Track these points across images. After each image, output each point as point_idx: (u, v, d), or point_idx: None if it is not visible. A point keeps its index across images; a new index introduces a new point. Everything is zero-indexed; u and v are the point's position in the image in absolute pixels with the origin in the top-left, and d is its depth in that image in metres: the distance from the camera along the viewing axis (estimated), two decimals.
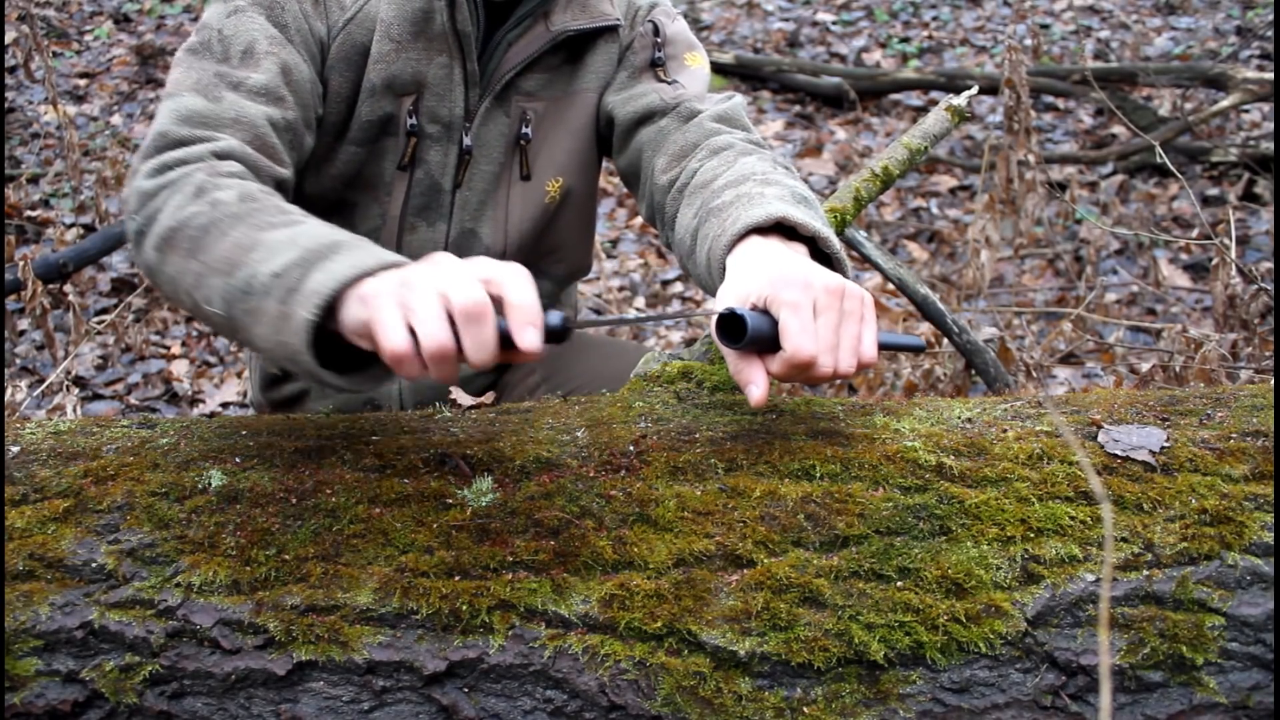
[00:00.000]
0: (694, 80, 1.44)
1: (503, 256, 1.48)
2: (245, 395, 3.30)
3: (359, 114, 1.34)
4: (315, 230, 1.00)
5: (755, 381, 0.98)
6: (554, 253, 1.54)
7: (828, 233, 1.08)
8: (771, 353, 0.98)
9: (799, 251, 1.07)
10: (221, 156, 1.14)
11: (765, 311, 0.98)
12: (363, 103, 1.34)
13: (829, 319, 0.97)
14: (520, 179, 1.45)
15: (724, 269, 1.08)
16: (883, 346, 1.05)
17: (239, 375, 3.47)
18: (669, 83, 1.42)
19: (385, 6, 1.32)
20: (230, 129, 1.18)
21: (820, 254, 1.10)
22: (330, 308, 0.91)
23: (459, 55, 1.35)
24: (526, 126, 1.42)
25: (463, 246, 1.45)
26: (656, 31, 1.45)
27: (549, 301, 1.62)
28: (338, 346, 0.97)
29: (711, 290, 1.14)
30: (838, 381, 3.20)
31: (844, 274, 1.09)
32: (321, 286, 0.91)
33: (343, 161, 1.37)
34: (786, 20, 6.35)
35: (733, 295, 1.01)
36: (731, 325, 0.98)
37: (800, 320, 0.95)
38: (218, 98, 1.19)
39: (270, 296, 0.94)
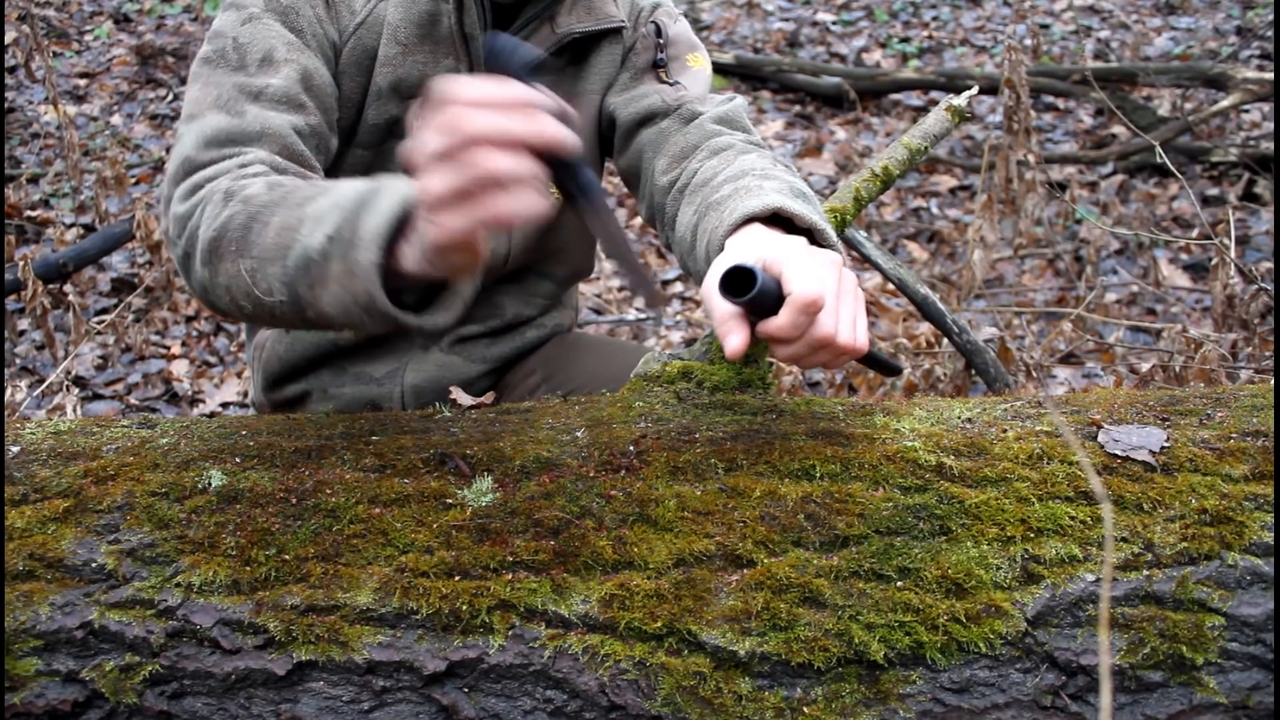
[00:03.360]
0: (696, 82, 1.44)
1: (505, 259, 1.47)
2: (245, 395, 3.30)
3: (366, 117, 1.34)
4: (352, 186, 0.98)
5: (736, 332, 0.95)
6: (556, 254, 1.54)
7: (824, 225, 1.08)
8: (771, 315, 0.95)
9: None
10: (247, 166, 1.13)
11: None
12: (369, 106, 1.34)
13: (832, 282, 0.96)
14: None
15: None
16: (868, 354, 1.04)
17: (239, 375, 3.47)
18: (671, 84, 1.42)
19: (393, 10, 1.32)
20: (257, 142, 1.17)
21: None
22: (390, 250, 0.91)
23: (466, 58, 1.35)
24: None
25: None
26: (659, 32, 1.45)
27: (549, 302, 1.62)
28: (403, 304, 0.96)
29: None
30: (836, 377, 3.17)
31: None
32: (376, 228, 0.90)
33: (350, 165, 1.37)
34: (786, 20, 6.35)
35: (728, 264, 0.98)
36: (738, 282, 0.94)
37: (805, 267, 0.95)
38: (240, 112, 1.18)
39: (331, 259, 0.94)
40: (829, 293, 0.95)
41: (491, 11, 1.36)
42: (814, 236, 1.09)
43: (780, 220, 1.08)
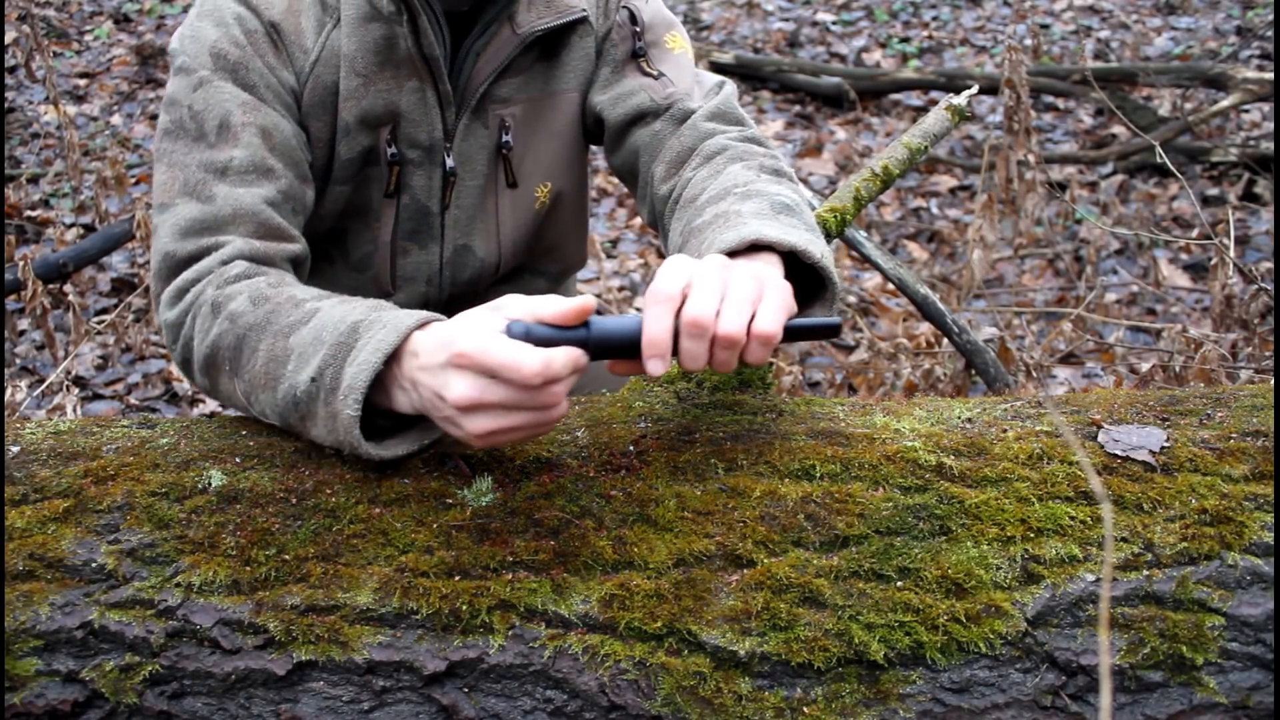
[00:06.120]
0: (680, 70, 1.39)
1: (498, 266, 1.46)
2: None
3: (339, 154, 1.30)
4: (333, 317, 1.02)
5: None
6: (549, 253, 1.54)
7: (805, 244, 1.04)
8: (636, 353, 0.93)
9: (774, 264, 1.04)
10: (228, 261, 1.14)
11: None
12: (340, 143, 1.30)
13: (709, 284, 0.93)
14: (507, 186, 1.41)
15: None
16: (799, 331, 0.99)
17: None
18: (655, 76, 1.38)
19: (346, 41, 1.26)
20: (231, 226, 1.17)
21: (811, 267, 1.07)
22: (373, 385, 0.96)
23: (429, 78, 1.30)
24: (507, 134, 1.38)
25: (457, 263, 1.43)
26: (633, 19, 1.39)
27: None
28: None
29: None
30: (836, 377, 3.16)
31: (830, 283, 1.07)
32: (356, 380, 0.95)
33: (331, 200, 1.34)
34: (786, 20, 6.35)
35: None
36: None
37: (661, 272, 0.93)
38: (210, 196, 1.17)
39: (315, 400, 0.98)
40: (697, 284, 0.92)
41: (448, 23, 1.30)
42: (798, 257, 1.05)
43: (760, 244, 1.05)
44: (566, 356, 0.89)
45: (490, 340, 0.89)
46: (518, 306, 0.93)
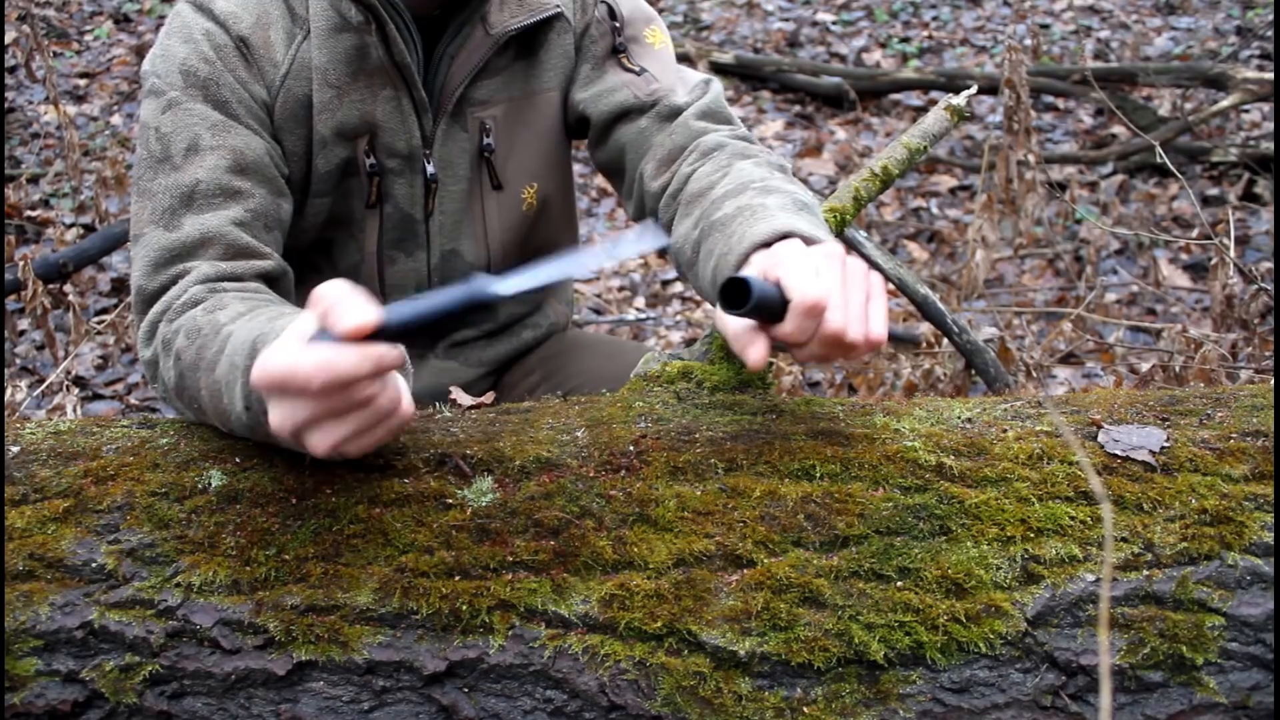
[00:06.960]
0: (662, 65, 1.38)
1: (488, 268, 1.45)
2: None
3: (316, 167, 1.29)
4: (239, 340, 0.98)
5: (755, 344, 0.95)
6: (540, 253, 1.53)
7: (827, 239, 1.06)
8: (777, 323, 0.95)
9: None
10: (183, 294, 1.13)
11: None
12: (317, 156, 1.28)
13: (834, 277, 0.94)
14: (492, 189, 1.41)
15: None
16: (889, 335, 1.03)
17: None
18: (637, 72, 1.36)
19: (317, 52, 1.25)
20: (199, 252, 1.16)
21: None
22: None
23: (403, 85, 1.29)
24: (488, 136, 1.37)
25: (446, 268, 1.42)
26: (612, 14, 1.38)
27: (540, 297, 1.60)
28: None
29: (714, 302, 1.12)
30: (836, 376, 3.16)
31: None
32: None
33: (312, 213, 1.33)
34: (786, 20, 6.35)
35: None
36: (735, 293, 0.93)
37: (803, 270, 0.94)
38: (177, 224, 1.16)
39: (261, 426, 0.93)
40: (833, 290, 0.93)
41: (419, 28, 1.29)
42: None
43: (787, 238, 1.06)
44: (352, 355, 0.81)
45: (271, 357, 0.83)
46: (310, 320, 0.85)
